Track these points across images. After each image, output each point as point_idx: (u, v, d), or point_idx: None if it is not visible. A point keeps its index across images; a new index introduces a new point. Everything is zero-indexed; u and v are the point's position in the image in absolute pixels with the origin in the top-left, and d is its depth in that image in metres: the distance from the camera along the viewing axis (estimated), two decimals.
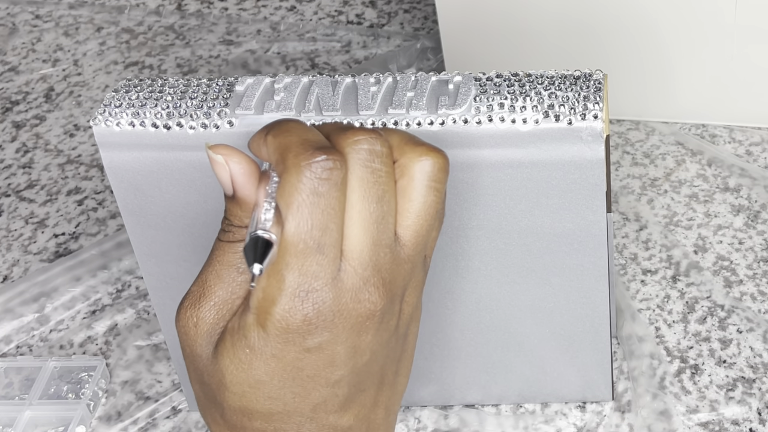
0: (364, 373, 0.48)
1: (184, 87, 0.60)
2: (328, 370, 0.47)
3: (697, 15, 0.81)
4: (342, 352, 0.47)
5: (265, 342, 0.46)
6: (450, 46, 0.89)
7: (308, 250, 0.45)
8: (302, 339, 0.46)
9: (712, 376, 0.69)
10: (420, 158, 0.47)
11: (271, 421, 0.48)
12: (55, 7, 1.12)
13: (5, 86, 1.03)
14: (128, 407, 0.73)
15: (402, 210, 0.48)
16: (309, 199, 0.44)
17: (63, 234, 0.87)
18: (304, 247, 0.45)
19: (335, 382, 0.47)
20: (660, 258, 0.77)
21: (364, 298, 0.46)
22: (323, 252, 0.45)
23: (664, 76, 0.85)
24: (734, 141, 0.85)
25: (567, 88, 0.57)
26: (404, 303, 0.49)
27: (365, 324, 0.47)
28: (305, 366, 0.47)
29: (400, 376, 0.52)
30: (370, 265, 0.46)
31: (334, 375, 0.47)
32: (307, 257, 0.45)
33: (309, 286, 0.45)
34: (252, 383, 0.47)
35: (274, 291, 0.45)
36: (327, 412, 0.48)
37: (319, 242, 0.45)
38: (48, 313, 0.80)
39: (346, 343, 0.47)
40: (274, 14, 1.08)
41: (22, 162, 0.94)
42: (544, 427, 0.68)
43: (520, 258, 0.62)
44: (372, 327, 0.47)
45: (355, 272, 0.46)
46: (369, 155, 0.46)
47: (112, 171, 0.60)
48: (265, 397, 0.47)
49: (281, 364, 0.46)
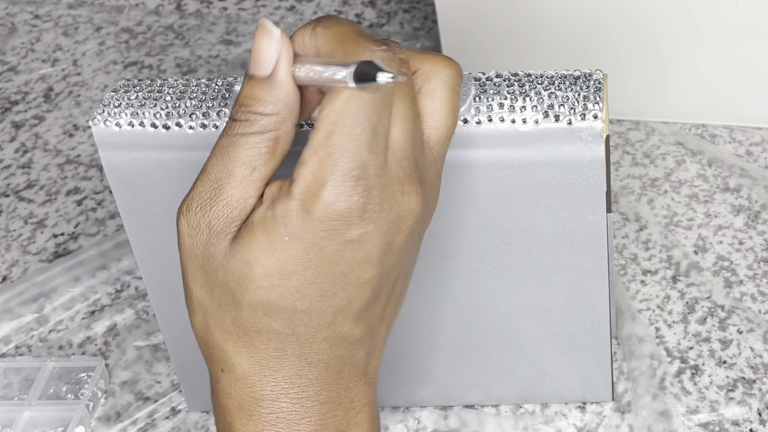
0: (386, 278, 0.48)
1: (183, 87, 0.60)
2: (360, 267, 0.47)
3: (696, 15, 0.81)
4: (378, 248, 0.47)
5: (308, 228, 0.45)
6: (450, 46, 0.89)
7: (365, 135, 0.45)
8: (346, 228, 0.46)
9: (713, 376, 0.69)
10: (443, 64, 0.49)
11: (292, 321, 0.47)
12: (54, 7, 1.12)
13: (4, 86, 1.03)
14: (127, 408, 0.73)
15: (432, 112, 0.49)
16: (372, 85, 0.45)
17: (62, 234, 0.87)
18: (361, 131, 0.45)
19: (363, 283, 0.47)
20: (660, 258, 0.77)
21: (406, 191, 0.47)
22: (376, 139, 0.45)
23: (664, 76, 0.85)
24: (734, 141, 0.85)
25: (567, 88, 0.57)
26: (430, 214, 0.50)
27: (404, 222, 0.47)
28: (341, 260, 0.46)
29: (402, 296, 0.52)
30: (412, 160, 0.47)
31: (365, 275, 0.47)
32: (362, 142, 0.45)
33: (361, 172, 0.45)
34: (285, 274, 0.46)
35: (325, 173, 0.45)
36: (345, 318, 0.48)
37: (375, 129, 0.45)
38: (47, 314, 0.80)
39: (384, 238, 0.47)
40: (273, 14, 1.08)
41: (21, 162, 0.94)
42: (543, 427, 0.68)
43: (520, 258, 0.62)
44: (407, 228, 0.47)
45: (399, 165, 0.46)
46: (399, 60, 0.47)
47: (112, 171, 0.60)
48: (293, 290, 0.46)
49: (320, 255, 0.46)
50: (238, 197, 0.47)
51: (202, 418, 0.71)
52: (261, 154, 0.47)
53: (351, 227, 0.46)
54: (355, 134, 0.45)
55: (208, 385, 0.69)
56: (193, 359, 0.68)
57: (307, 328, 0.47)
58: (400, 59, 0.47)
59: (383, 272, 0.48)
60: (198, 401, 0.71)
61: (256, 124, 0.47)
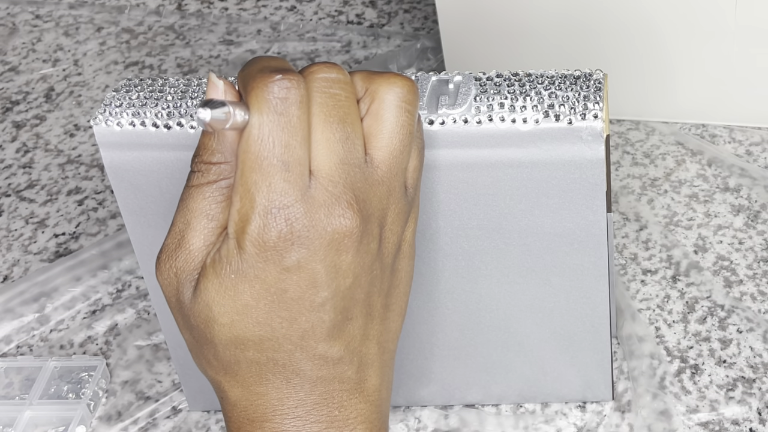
0: (348, 298, 0.49)
1: (184, 87, 0.60)
2: (311, 291, 0.48)
3: (697, 15, 0.81)
4: (322, 271, 0.48)
5: (247, 263, 0.47)
6: (450, 46, 0.89)
7: (273, 167, 0.47)
8: (280, 256, 0.47)
9: (712, 376, 0.69)
10: (389, 82, 0.50)
11: (263, 349, 0.49)
12: (55, 7, 1.12)
13: (5, 86, 1.03)
14: (128, 407, 0.73)
15: (374, 132, 0.50)
16: (269, 117, 0.46)
17: (63, 234, 0.87)
18: (268, 164, 0.47)
19: (320, 305, 0.49)
20: (660, 258, 0.77)
21: (337, 213, 0.48)
22: (288, 169, 0.47)
23: (664, 76, 0.85)
24: (734, 141, 0.85)
25: (567, 88, 0.57)
26: (386, 230, 0.51)
27: (343, 242, 0.48)
28: (288, 287, 0.48)
29: (392, 312, 0.53)
30: (340, 183, 0.48)
31: (318, 297, 0.48)
32: (273, 175, 0.47)
33: (279, 203, 0.47)
34: (239, 309, 0.48)
35: (247, 210, 0.47)
36: (316, 341, 0.49)
37: (283, 159, 0.47)
38: (48, 313, 0.80)
39: (324, 262, 0.48)
40: (274, 14, 1.08)
41: (23, 162, 0.94)
42: (544, 427, 0.68)
43: (520, 258, 0.62)
44: (351, 247, 0.48)
45: (325, 189, 0.48)
46: (326, 82, 0.48)
47: (113, 171, 0.60)
48: (253, 322, 0.48)
49: (265, 285, 0.48)
50: (199, 246, 0.49)
51: (203, 417, 0.71)
52: (217, 202, 0.49)
53: (284, 255, 0.47)
54: (263, 167, 0.47)
55: (209, 384, 0.69)
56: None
57: (281, 353, 0.49)
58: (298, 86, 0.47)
59: (339, 292, 0.49)
60: (199, 401, 0.71)
61: (209, 174, 0.49)
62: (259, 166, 0.47)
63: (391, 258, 0.52)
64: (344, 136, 0.48)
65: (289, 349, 0.49)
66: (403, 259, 0.53)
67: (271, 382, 0.50)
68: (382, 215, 0.50)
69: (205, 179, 0.49)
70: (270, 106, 0.47)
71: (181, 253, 0.49)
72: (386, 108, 0.50)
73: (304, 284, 0.48)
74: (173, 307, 0.51)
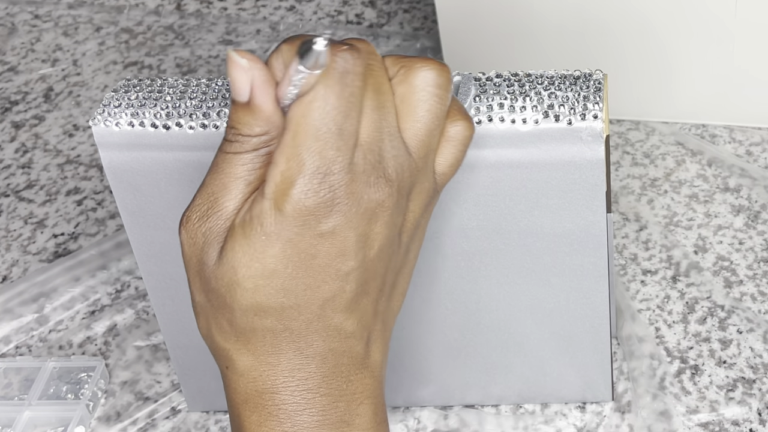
0: (370, 271, 0.50)
1: (183, 87, 0.60)
2: (339, 259, 0.49)
3: (697, 15, 0.81)
4: (353, 239, 0.49)
5: (282, 226, 0.48)
6: (450, 46, 0.89)
7: (330, 134, 0.47)
8: (317, 222, 0.48)
9: (712, 376, 0.69)
10: (420, 66, 0.51)
11: (282, 317, 0.49)
12: (54, 7, 1.12)
13: (4, 86, 1.03)
14: (127, 408, 0.73)
15: (404, 115, 0.50)
16: (336, 86, 0.47)
17: (62, 234, 0.87)
18: (326, 131, 0.47)
19: (345, 274, 0.49)
20: (660, 258, 0.77)
21: (373, 182, 0.49)
22: (343, 138, 0.48)
23: (664, 76, 0.85)
24: (734, 141, 0.85)
25: (567, 88, 0.57)
26: (410, 208, 0.52)
27: (376, 212, 0.49)
28: (318, 253, 0.48)
29: (396, 291, 0.53)
30: (377, 151, 0.49)
31: (345, 266, 0.49)
32: (328, 142, 0.47)
33: (327, 169, 0.47)
34: (266, 273, 0.48)
35: (293, 173, 0.47)
36: (334, 311, 0.50)
37: (341, 128, 0.48)
38: (47, 314, 0.80)
39: (357, 230, 0.49)
40: (273, 14, 1.08)
41: (21, 162, 0.94)
42: (543, 427, 0.68)
43: (520, 258, 0.62)
44: (382, 217, 0.49)
45: (365, 158, 0.48)
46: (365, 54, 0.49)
47: (112, 171, 0.60)
48: (278, 289, 0.49)
49: (296, 250, 0.48)
50: (233, 209, 0.49)
51: (202, 417, 0.71)
52: (255, 168, 0.49)
53: (321, 221, 0.48)
54: (320, 134, 0.47)
55: (208, 385, 0.69)
56: (193, 359, 0.68)
57: (298, 322, 0.49)
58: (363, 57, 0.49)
59: (365, 264, 0.50)
60: (198, 401, 0.71)
61: (247, 144, 0.49)
62: (316, 132, 0.47)
63: (408, 237, 0.52)
64: (380, 104, 0.49)
65: (308, 319, 0.49)
66: (415, 241, 0.53)
67: (284, 352, 0.50)
68: (410, 191, 0.51)
69: (241, 148, 0.49)
70: (337, 75, 0.47)
71: (213, 213, 0.49)
72: (416, 91, 0.50)
73: (334, 251, 0.49)
74: (192, 267, 0.50)
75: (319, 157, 0.47)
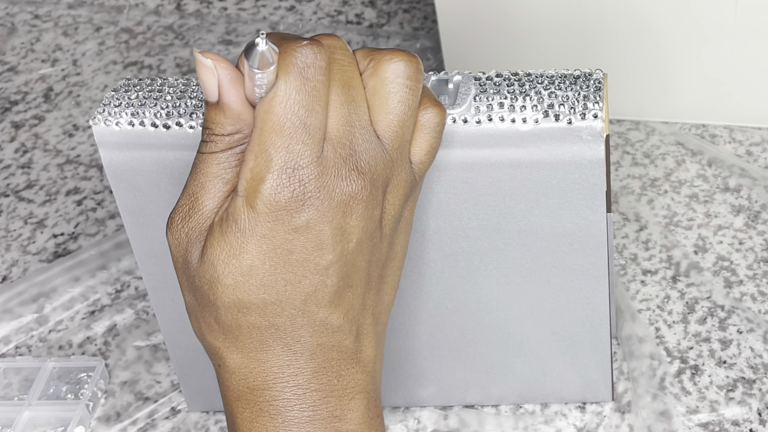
0: (351, 264, 0.51)
1: (183, 86, 0.60)
2: (316, 253, 0.49)
3: (697, 15, 0.81)
4: (329, 233, 0.49)
5: (255, 222, 0.48)
6: (450, 46, 0.89)
7: (295, 129, 0.48)
8: (290, 217, 0.48)
9: (713, 376, 0.69)
10: (390, 57, 0.51)
11: (266, 314, 0.50)
12: (54, 7, 1.12)
13: (4, 86, 1.03)
14: (127, 408, 0.72)
15: (376, 108, 0.51)
16: (296, 81, 0.48)
17: (62, 234, 0.87)
18: (290, 126, 0.48)
19: (324, 268, 0.50)
20: (660, 258, 0.77)
21: (344, 175, 0.49)
22: (308, 132, 0.48)
23: (664, 76, 0.85)
24: (734, 141, 0.85)
25: (567, 88, 0.57)
26: (388, 200, 0.52)
27: (349, 204, 0.49)
28: (294, 248, 0.49)
29: (386, 284, 0.54)
30: (347, 145, 0.49)
31: (323, 260, 0.50)
32: (293, 137, 0.48)
33: (295, 164, 0.48)
34: (245, 270, 0.49)
35: (262, 169, 0.48)
36: (318, 305, 0.50)
37: (305, 122, 0.48)
38: (47, 314, 0.80)
39: (332, 224, 0.49)
40: (273, 14, 1.08)
41: (21, 162, 0.94)
42: (543, 427, 0.68)
43: (520, 258, 0.62)
44: (356, 209, 0.50)
45: (335, 151, 0.49)
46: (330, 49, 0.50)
47: (112, 171, 0.60)
48: (258, 284, 0.49)
49: (272, 246, 0.49)
50: (212, 207, 0.50)
51: (202, 418, 0.71)
52: (231, 167, 0.50)
53: (294, 215, 0.49)
54: (284, 129, 0.48)
55: (208, 385, 0.69)
56: (193, 359, 0.68)
57: (283, 318, 0.50)
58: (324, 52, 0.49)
59: (344, 257, 0.50)
60: (198, 401, 0.71)
61: (221, 143, 0.50)
62: (280, 128, 0.48)
63: (389, 230, 0.53)
64: (349, 98, 0.50)
65: (291, 314, 0.50)
66: (400, 233, 0.54)
67: (271, 348, 0.50)
68: (385, 183, 0.51)
69: (216, 148, 0.50)
70: (297, 70, 0.48)
71: (194, 213, 0.50)
72: (385, 85, 0.51)
73: (310, 246, 0.49)
74: (179, 267, 0.51)
75: (286, 152, 0.48)
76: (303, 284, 0.50)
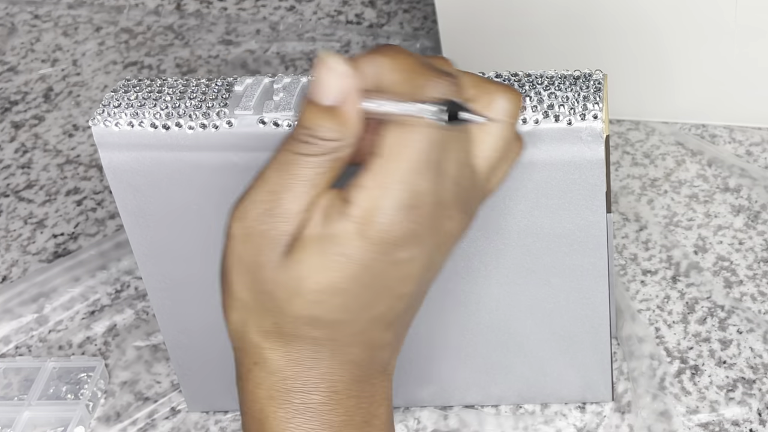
0: (422, 293, 0.51)
1: (183, 87, 0.60)
2: (401, 283, 0.49)
3: (696, 15, 0.81)
4: (420, 268, 0.49)
5: (363, 251, 0.47)
6: (449, 46, 0.89)
7: (423, 166, 0.47)
8: (396, 250, 0.48)
9: (712, 376, 0.69)
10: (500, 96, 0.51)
11: (331, 330, 0.49)
12: (53, 7, 1.12)
13: (4, 86, 1.03)
14: (127, 408, 0.72)
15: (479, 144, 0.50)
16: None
17: (62, 234, 0.86)
18: (421, 163, 0.47)
19: (400, 296, 0.49)
20: (660, 258, 0.77)
21: (453, 216, 0.49)
22: (435, 170, 0.47)
23: (664, 76, 0.85)
24: (734, 141, 0.85)
25: (567, 88, 0.57)
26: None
27: (445, 244, 0.49)
28: (386, 276, 0.48)
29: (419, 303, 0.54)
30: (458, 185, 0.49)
31: (405, 289, 0.49)
32: (421, 175, 0.47)
33: (417, 202, 0.47)
34: (334, 291, 0.48)
35: (382, 201, 0.47)
36: (379, 326, 0.50)
37: (435, 161, 0.47)
38: (47, 314, 0.80)
39: (427, 259, 0.49)
40: (273, 14, 1.08)
41: (21, 162, 0.94)
42: (543, 427, 0.68)
43: (520, 258, 0.62)
44: (447, 248, 0.50)
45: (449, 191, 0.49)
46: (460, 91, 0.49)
47: (111, 171, 0.60)
48: (338, 305, 0.48)
49: (369, 274, 0.48)
50: (297, 211, 0.48)
51: (201, 418, 0.71)
52: (322, 172, 0.48)
53: (400, 250, 0.48)
54: (414, 166, 0.47)
55: (208, 385, 0.69)
56: (193, 359, 0.68)
57: (344, 334, 0.49)
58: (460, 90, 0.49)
59: (421, 287, 0.50)
60: (198, 401, 0.71)
61: (321, 148, 0.48)
62: (409, 163, 0.47)
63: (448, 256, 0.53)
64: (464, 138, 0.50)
65: (354, 332, 0.49)
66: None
67: (322, 360, 0.50)
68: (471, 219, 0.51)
69: (313, 151, 0.48)
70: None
71: (275, 213, 0.48)
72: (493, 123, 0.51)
73: (400, 276, 0.49)
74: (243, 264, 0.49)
75: (411, 188, 0.47)
76: (377, 307, 0.49)
